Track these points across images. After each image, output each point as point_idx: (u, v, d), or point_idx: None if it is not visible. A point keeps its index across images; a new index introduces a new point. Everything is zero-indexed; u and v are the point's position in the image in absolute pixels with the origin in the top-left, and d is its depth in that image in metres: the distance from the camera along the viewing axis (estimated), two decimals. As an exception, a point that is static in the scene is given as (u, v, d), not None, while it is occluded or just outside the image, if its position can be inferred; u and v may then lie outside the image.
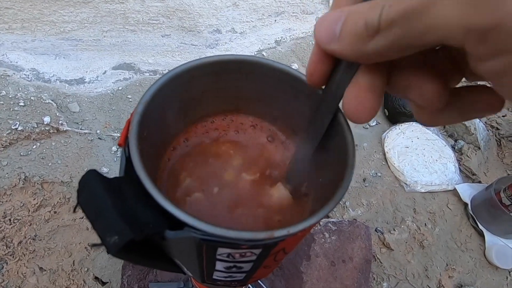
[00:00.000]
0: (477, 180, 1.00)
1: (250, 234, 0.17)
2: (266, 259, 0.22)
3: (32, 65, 0.91)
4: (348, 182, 0.20)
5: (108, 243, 0.15)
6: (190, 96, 0.27)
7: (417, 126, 1.07)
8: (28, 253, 0.69)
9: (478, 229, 0.89)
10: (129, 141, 0.20)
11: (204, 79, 0.27)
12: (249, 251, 0.19)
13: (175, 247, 0.21)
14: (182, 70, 0.25)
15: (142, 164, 0.19)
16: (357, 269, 0.71)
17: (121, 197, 0.17)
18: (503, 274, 0.84)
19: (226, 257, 0.20)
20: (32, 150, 0.78)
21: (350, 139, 0.22)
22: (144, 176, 0.18)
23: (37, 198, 0.73)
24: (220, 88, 0.28)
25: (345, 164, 0.21)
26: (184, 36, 1.06)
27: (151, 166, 0.25)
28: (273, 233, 0.17)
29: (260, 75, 0.27)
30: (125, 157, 0.19)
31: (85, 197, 0.16)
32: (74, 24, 0.94)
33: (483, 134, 1.08)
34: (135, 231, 0.15)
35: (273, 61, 0.27)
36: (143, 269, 0.64)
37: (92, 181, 0.16)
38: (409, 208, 0.92)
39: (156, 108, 0.24)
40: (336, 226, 0.75)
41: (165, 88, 0.24)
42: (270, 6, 1.16)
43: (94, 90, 0.93)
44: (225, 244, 0.17)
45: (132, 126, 0.20)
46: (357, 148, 1.01)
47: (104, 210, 0.15)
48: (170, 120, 0.27)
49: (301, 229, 0.17)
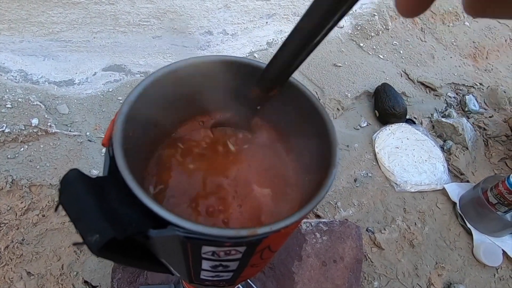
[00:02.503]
0: (465, 179, 1.02)
1: (233, 232, 0.17)
2: (252, 257, 0.22)
3: (20, 67, 0.90)
4: (330, 182, 0.20)
5: (90, 242, 0.15)
6: (176, 96, 0.27)
7: (406, 127, 1.09)
8: (15, 258, 0.68)
9: (467, 228, 0.91)
10: (113, 141, 0.20)
11: (191, 80, 0.27)
12: (233, 249, 0.19)
13: (161, 247, 0.21)
14: (168, 71, 0.25)
15: (126, 163, 0.19)
16: (348, 269, 0.71)
17: (104, 196, 0.17)
18: (491, 272, 0.86)
19: (211, 255, 0.20)
20: (20, 152, 0.77)
21: (334, 139, 0.23)
22: (128, 175, 0.18)
23: (24, 202, 0.72)
24: (207, 88, 0.29)
25: (329, 164, 0.21)
26: (175, 38, 1.06)
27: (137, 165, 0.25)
28: (256, 230, 0.17)
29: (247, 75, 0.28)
30: (109, 157, 0.19)
31: (67, 196, 0.16)
32: (63, 25, 0.93)
33: (470, 135, 1.10)
34: (117, 230, 0.15)
35: (260, 62, 0.27)
36: (133, 272, 0.63)
37: (74, 181, 0.16)
38: (399, 207, 0.93)
39: (142, 108, 0.24)
40: (327, 226, 0.76)
41: (151, 88, 0.24)
42: (261, 8, 1.17)
43: (83, 92, 0.92)
44: (209, 242, 0.17)
45: (116, 126, 0.20)
46: (348, 148, 1.02)
47: (86, 209, 0.15)
48: (157, 120, 0.27)
49: (283, 226, 0.17)
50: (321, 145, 0.24)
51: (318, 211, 0.88)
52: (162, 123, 0.28)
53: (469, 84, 1.30)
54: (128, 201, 0.18)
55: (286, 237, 0.24)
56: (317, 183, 0.22)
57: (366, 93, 1.16)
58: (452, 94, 1.27)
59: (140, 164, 0.26)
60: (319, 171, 0.23)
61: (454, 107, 1.23)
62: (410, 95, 1.20)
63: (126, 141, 0.20)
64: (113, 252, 0.18)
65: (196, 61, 0.26)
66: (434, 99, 1.24)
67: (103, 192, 0.17)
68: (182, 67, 0.25)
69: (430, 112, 1.19)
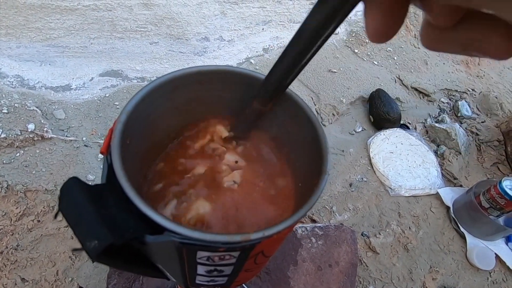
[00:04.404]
0: (459, 184, 1.04)
1: (227, 237, 0.17)
2: (246, 262, 0.22)
3: (17, 72, 0.90)
4: (321, 188, 0.21)
5: (88, 248, 0.15)
6: (173, 105, 0.28)
7: (401, 132, 1.10)
8: (9, 264, 0.67)
9: (460, 232, 0.92)
10: (111, 149, 0.20)
11: (187, 89, 0.28)
12: (227, 254, 0.20)
13: (157, 252, 0.22)
14: (165, 80, 0.26)
15: (123, 171, 0.19)
16: (343, 273, 0.72)
17: (102, 203, 0.17)
18: (484, 275, 0.87)
19: (206, 260, 0.20)
20: (16, 157, 0.77)
21: (325, 147, 0.23)
22: (125, 182, 0.19)
23: (20, 207, 0.72)
24: (204, 97, 0.29)
25: (320, 170, 0.22)
26: (172, 44, 1.07)
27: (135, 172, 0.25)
28: (249, 235, 0.17)
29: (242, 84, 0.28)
30: (107, 165, 0.20)
31: (66, 204, 0.17)
32: (61, 31, 0.93)
33: (463, 140, 1.12)
34: (115, 236, 0.16)
35: (254, 71, 0.28)
36: (129, 278, 0.63)
37: (73, 188, 0.17)
38: (394, 212, 0.94)
39: (140, 117, 0.24)
40: (322, 231, 0.76)
41: (148, 97, 0.25)
42: (257, 15, 1.19)
43: (80, 97, 0.92)
44: (204, 247, 0.18)
45: (114, 134, 0.21)
46: (344, 153, 1.03)
47: (84, 216, 0.16)
48: (154, 129, 0.28)
49: (276, 231, 0.18)
50: (313, 152, 0.24)
51: (314, 215, 0.89)
52: (159, 132, 0.28)
53: (461, 90, 1.33)
54: (126, 208, 0.18)
55: (279, 243, 0.24)
56: (309, 189, 0.23)
57: (361, 99, 1.18)
58: (445, 99, 1.29)
59: (137, 171, 0.26)
60: (311, 177, 0.24)
61: (447, 113, 1.25)
62: (404, 101, 1.22)
63: (124, 149, 0.21)
64: (111, 257, 0.19)
65: (193, 71, 0.27)
66: (428, 104, 1.26)
67: (101, 199, 0.18)
68: (179, 77, 0.26)
69: (423, 118, 1.21)
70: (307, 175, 0.26)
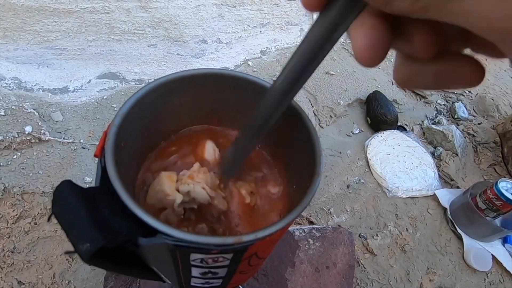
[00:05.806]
0: (455, 185, 1.04)
1: (219, 239, 0.18)
2: (240, 264, 0.23)
3: (14, 74, 0.90)
4: (314, 190, 0.21)
5: (80, 250, 0.15)
6: (168, 108, 0.28)
7: (398, 134, 1.11)
8: (6, 266, 0.67)
9: (457, 233, 0.92)
10: (105, 152, 0.20)
11: (182, 92, 0.28)
12: (221, 256, 0.20)
13: (151, 255, 0.22)
14: (160, 83, 0.26)
15: (117, 174, 0.19)
16: (341, 274, 0.72)
17: (95, 206, 0.18)
18: (481, 277, 0.87)
19: (200, 262, 0.21)
20: (12, 160, 0.77)
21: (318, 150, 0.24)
22: (119, 185, 0.19)
23: (16, 210, 0.72)
24: (199, 100, 0.30)
25: (313, 172, 0.22)
26: (170, 46, 1.07)
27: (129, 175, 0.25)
28: (241, 237, 0.18)
29: (236, 87, 0.29)
30: (101, 168, 0.20)
31: (59, 206, 0.17)
32: (58, 34, 0.93)
33: (460, 141, 1.12)
34: (107, 238, 0.16)
35: (248, 74, 0.28)
36: (126, 281, 0.63)
37: (67, 191, 0.17)
38: (391, 213, 0.95)
39: (134, 120, 0.25)
40: (320, 233, 0.77)
41: (143, 100, 0.25)
42: (255, 17, 1.19)
43: (78, 99, 0.92)
44: (197, 249, 0.18)
45: (108, 137, 0.21)
46: (341, 155, 1.04)
47: (77, 219, 0.16)
48: (149, 131, 0.28)
49: (268, 234, 0.18)
50: (306, 154, 0.25)
51: (311, 217, 0.89)
52: (153, 135, 0.28)
53: (458, 91, 1.34)
54: (119, 210, 0.18)
55: (272, 244, 0.24)
56: (302, 191, 0.23)
57: (358, 101, 1.18)
58: (442, 101, 1.30)
59: (131, 173, 0.26)
60: (304, 179, 0.24)
61: (444, 114, 1.26)
62: (401, 103, 1.23)
63: (117, 152, 0.21)
64: (104, 260, 0.19)
65: (187, 74, 0.27)
66: (425, 106, 1.27)
67: (95, 202, 0.18)
68: (173, 80, 0.26)
69: (420, 119, 1.21)
70: (301, 177, 0.26)
